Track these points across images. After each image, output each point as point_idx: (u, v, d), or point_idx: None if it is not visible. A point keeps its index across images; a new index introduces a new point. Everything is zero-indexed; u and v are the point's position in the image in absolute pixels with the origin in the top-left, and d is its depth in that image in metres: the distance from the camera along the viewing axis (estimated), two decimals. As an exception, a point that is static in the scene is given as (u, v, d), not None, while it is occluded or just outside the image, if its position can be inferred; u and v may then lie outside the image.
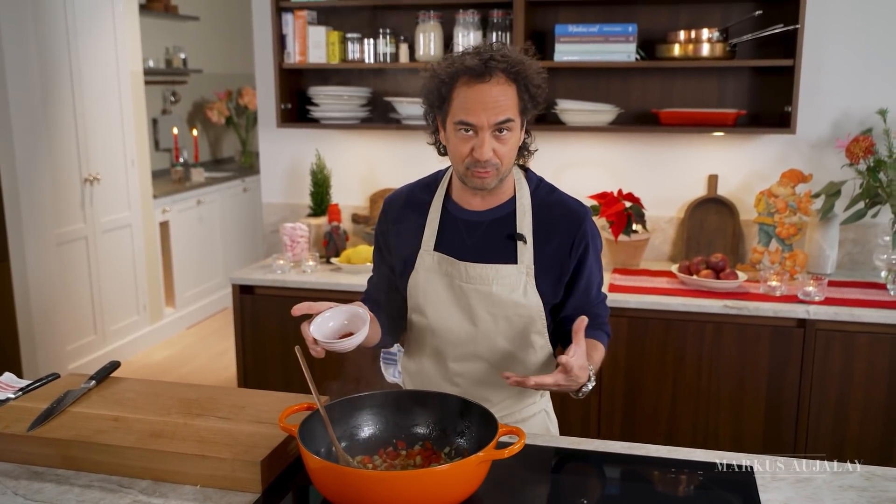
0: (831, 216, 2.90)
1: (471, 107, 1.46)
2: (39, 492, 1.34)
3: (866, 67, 2.94)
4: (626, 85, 3.14)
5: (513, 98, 1.48)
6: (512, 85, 1.47)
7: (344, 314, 1.45)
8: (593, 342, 1.60)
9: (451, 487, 1.24)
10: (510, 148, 1.51)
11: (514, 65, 1.47)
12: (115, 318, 4.56)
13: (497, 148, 1.49)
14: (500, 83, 1.46)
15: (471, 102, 1.46)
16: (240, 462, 1.34)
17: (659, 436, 2.73)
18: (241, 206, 5.79)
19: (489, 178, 1.52)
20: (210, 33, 6.21)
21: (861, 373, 2.56)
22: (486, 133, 1.47)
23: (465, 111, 1.47)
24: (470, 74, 1.46)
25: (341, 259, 3.05)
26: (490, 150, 1.48)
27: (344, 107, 3.25)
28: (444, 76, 1.49)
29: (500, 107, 1.46)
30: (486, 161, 1.48)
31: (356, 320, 1.44)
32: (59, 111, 4.06)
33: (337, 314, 1.44)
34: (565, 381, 1.43)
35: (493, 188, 1.57)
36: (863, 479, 1.41)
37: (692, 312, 2.65)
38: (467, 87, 1.46)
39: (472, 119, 1.47)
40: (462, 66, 1.47)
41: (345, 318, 1.45)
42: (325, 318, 1.43)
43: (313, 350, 1.41)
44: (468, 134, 1.49)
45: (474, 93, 1.46)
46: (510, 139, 1.50)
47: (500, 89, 1.46)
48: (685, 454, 1.51)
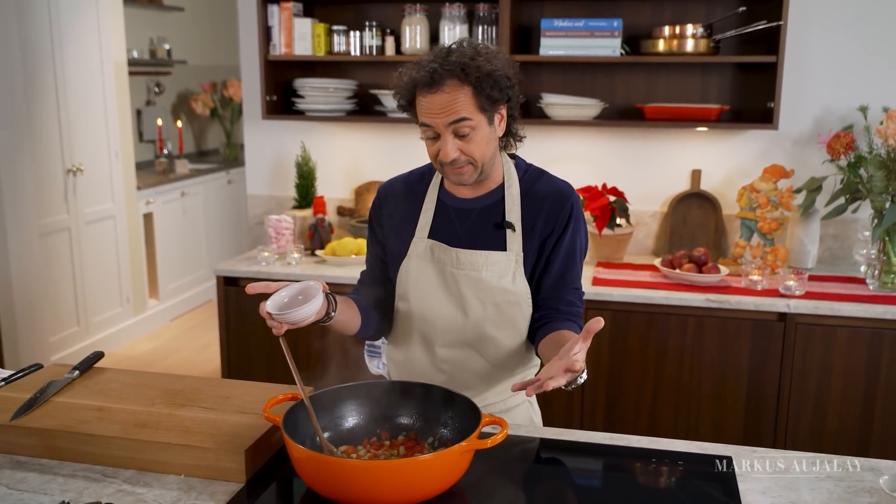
0: (812, 211, 2.94)
1: (427, 112, 1.51)
2: (23, 481, 1.34)
3: (848, 64, 2.97)
4: (610, 80, 3.15)
5: (467, 98, 1.49)
6: (465, 86, 1.49)
7: (297, 289, 1.46)
8: (566, 332, 1.56)
9: (433, 477, 1.25)
10: (478, 144, 1.52)
11: (464, 67, 1.48)
12: (98, 310, 4.54)
13: (462, 147, 1.52)
14: (451, 89, 1.48)
15: (425, 109, 1.51)
16: (224, 452, 1.34)
17: (641, 428, 2.75)
18: (226, 198, 5.77)
19: (465, 174, 1.55)
20: (195, 24, 6.17)
21: (840, 366, 2.60)
22: (447, 135, 1.51)
23: (423, 115, 1.52)
24: (421, 85, 1.50)
25: (326, 251, 3.05)
26: (454, 151, 1.51)
27: (329, 99, 3.24)
28: (403, 90, 1.54)
29: (452, 109, 1.49)
30: (454, 161, 1.52)
31: (309, 293, 1.45)
32: (41, 102, 4.03)
33: (291, 290, 1.46)
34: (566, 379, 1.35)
35: (481, 178, 1.58)
36: (840, 470, 1.43)
37: (674, 306, 2.67)
38: (423, 96, 1.51)
39: (428, 121, 1.51)
40: (412, 80, 1.52)
41: (298, 293, 1.46)
42: (279, 296, 1.44)
43: (271, 325, 1.41)
44: (432, 137, 1.53)
45: (427, 101, 1.50)
46: (475, 136, 1.52)
47: (450, 96, 1.48)
48: (666, 444, 1.53)
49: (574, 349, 1.32)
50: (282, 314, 1.39)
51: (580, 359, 1.32)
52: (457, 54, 1.50)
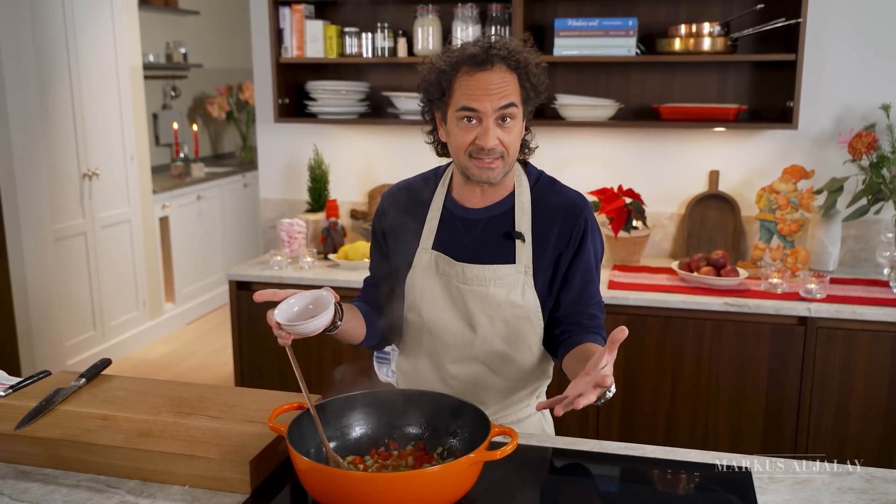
0: (833, 213, 2.88)
1: (473, 93, 1.45)
2: (26, 492, 1.32)
3: (869, 62, 2.91)
4: (626, 80, 3.11)
5: (514, 86, 1.47)
6: (513, 73, 1.47)
7: (308, 298, 1.42)
8: (592, 346, 1.52)
9: (441, 489, 1.22)
10: (514, 137, 1.49)
11: (515, 54, 1.47)
12: (114, 314, 4.55)
13: (501, 136, 1.47)
14: (501, 71, 1.46)
15: (473, 89, 1.46)
16: (228, 462, 1.32)
17: (658, 435, 2.71)
18: (242, 201, 5.78)
19: (495, 169, 1.50)
20: (210, 28, 6.18)
21: (862, 371, 2.54)
22: (490, 120, 1.46)
23: (467, 98, 1.46)
24: (471, 63, 1.46)
25: (339, 255, 3.03)
26: (495, 138, 1.47)
27: (342, 102, 3.22)
28: (445, 66, 1.48)
29: (502, 92, 1.45)
30: (492, 149, 1.47)
31: (320, 302, 1.41)
32: (57, 106, 4.05)
33: (301, 299, 1.41)
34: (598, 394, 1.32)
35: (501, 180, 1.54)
36: (862, 481, 1.38)
37: (692, 310, 2.62)
38: (469, 75, 1.46)
39: (475, 104, 1.45)
40: (463, 56, 1.47)
41: (309, 302, 1.42)
42: (289, 304, 1.40)
43: (278, 335, 1.38)
44: (471, 123, 1.47)
45: (476, 80, 1.45)
46: (514, 127, 1.48)
47: (501, 76, 1.45)
48: (682, 455, 1.49)
49: (601, 363, 1.28)
50: (291, 325, 1.35)
51: (608, 372, 1.28)
52: (506, 42, 1.49)
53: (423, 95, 1.55)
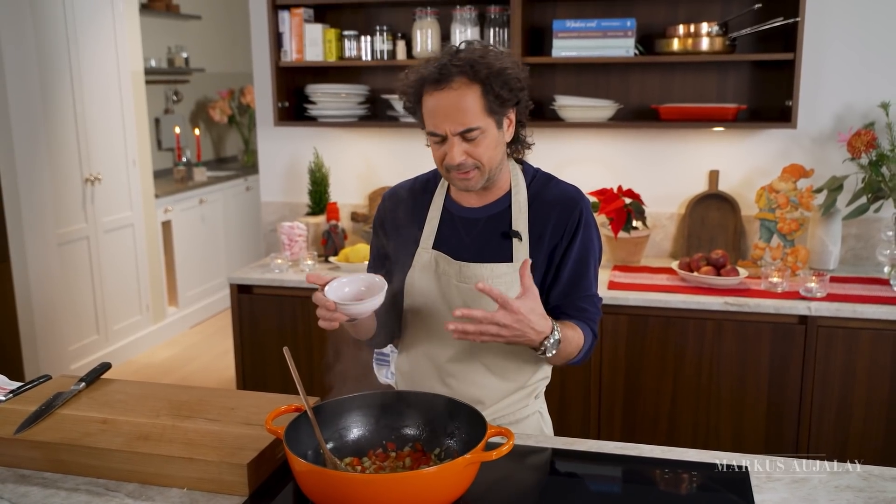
0: (833, 211, 2.87)
1: (434, 117, 1.47)
2: (25, 495, 1.33)
3: (868, 60, 2.90)
4: (625, 80, 3.11)
5: (475, 100, 1.45)
6: (474, 85, 1.45)
7: (361, 281, 1.44)
8: (570, 323, 1.52)
9: (438, 490, 1.23)
10: (486, 148, 1.49)
11: (474, 64, 1.44)
12: (117, 318, 4.56)
13: (469, 150, 1.48)
14: (460, 87, 1.44)
15: (433, 113, 1.47)
16: (226, 465, 1.33)
17: (659, 435, 2.71)
18: (244, 205, 5.79)
19: (472, 179, 1.51)
20: (212, 32, 6.20)
21: (863, 370, 2.53)
22: (454, 139, 1.47)
23: (430, 122, 1.48)
24: (429, 82, 1.46)
25: (340, 258, 3.04)
26: (460, 155, 1.47)
27: (341, 105, 3.23)
28: (409, 88, 1.50)
29: (460, 113, 1.44)
30: (460, 164, 1.48)
31: (373, 286, 1.43)
32: (59, 111, 4.06)
33: (354, 281, 1.43)
34: (510, 322, 1.35)
35: (486, 185, 1.55)
36: (860, 480, 1.38)
37: (692, 310, 2.62)
38: (429, 95, 1.47)
39: (436, 129, 1.47)
40: (420, 76, 1.47)
41: (361, 284, 1.43)
42: (340, 283, 1.41)
43: (328, 318, 1.39)
44: (439, 142, 1.49)
45: (434, 100, 1.46)
46: (483, 141, 1.48)
47: (458, 94, 1.44)
48: (680, 454, 1.49)
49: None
50: (346, 305, 1.36)
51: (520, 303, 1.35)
52: (466, 52, 1.47)
53: (404, 105, 1.56)
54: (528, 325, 1.38)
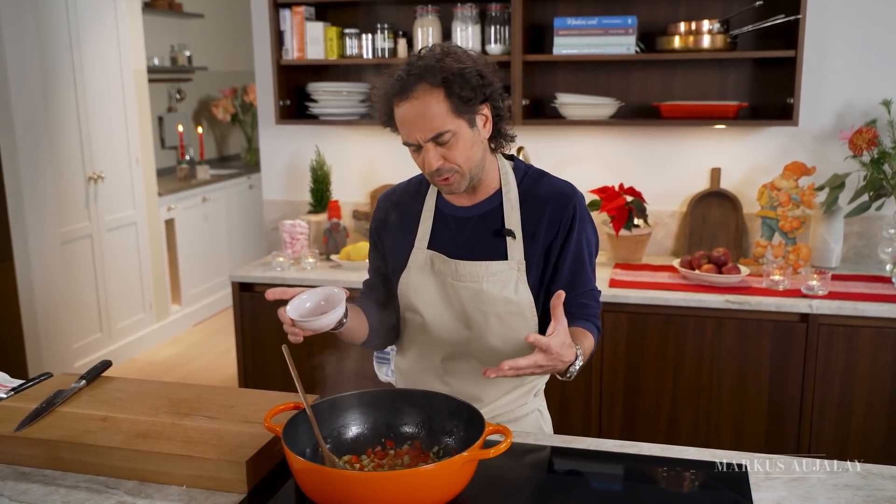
0: (835, 209, 2.87)
1: (404, 128, 1.48)
2: (25, 493, 1.34)
3: (869, 57, 2.90)
4: (626, 78, 3.11)
5: (441, 104, 1.44)
6: (438, 89, 1.44)
7: (320, 295, 1.43)
8: (580, 330, 1.54)
9: (436, 488, 1.23)
10: (460, 150, 1.48)
11: (430, 69, 1.44)
12: (120, 316, 4.58)
13: (445, 154, 1.48)
14: (423, 94, 1.44)
15: (402, 123, 1.48)
16: (225, 462, 1.33)
17: (660, 433, 2.71)
18: (247, 203, 5.80)
19: (453, 183, 1.52)
20: (215, 30, 6.21)
21: (865, 368, 2.53)
22: (428, 146, 1.47)
23: (403, 133, 1.50)
24: (393, 94, 1.47)
25: (341, 256, 3.04)
26: (437, 160, 1.48)
27: (343, 103, 3.23)
28: (379, 104, 1.51)
29: (427, 120, 1.44)
30: (438, 170, 1.48)
31: (332, 299, 1.43)
32: (61, 110, 4.07)
33: (313, 295, 1.43)
34: (547, 362, 1.36)
35: (475, 185, 1.56)
36: (859, 478, 1.38)
37: (693, 307, 2.62)
38: (397, 107, 1.48)
39: (409, 139, 1.49)
40: (385, 91, 1.49)
41: (321, 298, 1.43)
42: (301, 300, 1.41)
43: (291, 333, 1.39)
44: (415, 150, 1.50)
45: (402, 112, 1.47)
46: (456, 143, 1.47)
47: (423, 102, 1.44)
48: (678, 452, 1.49)
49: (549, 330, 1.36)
50: (304, 321, 1.37)
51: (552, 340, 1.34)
52: (425, 58, 1.46)
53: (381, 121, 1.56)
54: (560, 359, 1.38)
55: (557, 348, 1.36)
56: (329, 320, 1.38)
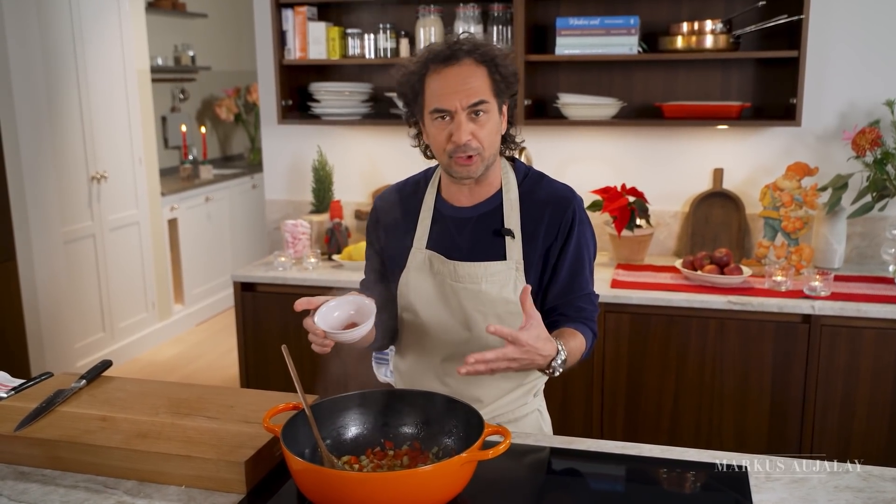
0: (838, 210, 2.86)
1: (442, 93, 1.47)
2: (24, 492, 1.34)
3: (873, 58, 2.89)
4: (628, 78, 3.10)
5: (484, 79, 1.48)
6: (482, 66, 1.48)
7: (349, 304, 1.44)
8: (569, 330, 1.53)
9: (434, 489, 1.23)
10: (489, 132, 1.50)
11: (481, 47, 1.48)
12: (123, 316, 4.58)
13: (475, 131, 1.48)
14: (468, 65, 1.47)
15: (441, 88, 1.47)
16: (224, 462, 1.33)
17: (662, 434, 2.70)
18: (250, 202, 5.80)
19: (473, 165, 1.51)
20: (218, 30, 6.21)
21: (867, 369, 2.52)
22: (462, 116, 1.47)
23: (437, 98, 1.48)
24: (437, 60, 1.47)
25: (343, 256, 3.04)
26: (468, 133, 1.47)
27: (345, 103, 3.23)
28: (414, 68, 1.50)
29: (471, 89, 1.46)
30: (466, 144, 1.47)
31: (362, 310, 1.43)
32: (65, 110, 4.08)
33: (342, 304, 1.43)
34: (520, 355, 1.35)
35: (479, 179, 1.56)
36: (860, 480, 1.38)
37: (696, 308, 2.61)
38: (437, 73, 1.47)
39: (445, 105, 1.47)
40: (429, 55, 1.48)
41: (349, 308, 1.43)
42: (329, 308, 1.41)
43: (320, 344, 1.39)
44: (444, 121, 1.49)
45: (443, 78, 1.47)
46: (487, 122, 1.49)
47: (469, 70, 1.47)
48: (678, 454, 1.49)
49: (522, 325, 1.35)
50: (336, 334, 1.36)
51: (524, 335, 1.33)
52: (468, 38, 1.51)
53: (401, 100, 1.57)
54: (535, 353, 1.37)
55: (531, 341, 1.35)
56: (359, 333, 1.38)
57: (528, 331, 1.35)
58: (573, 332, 1.53)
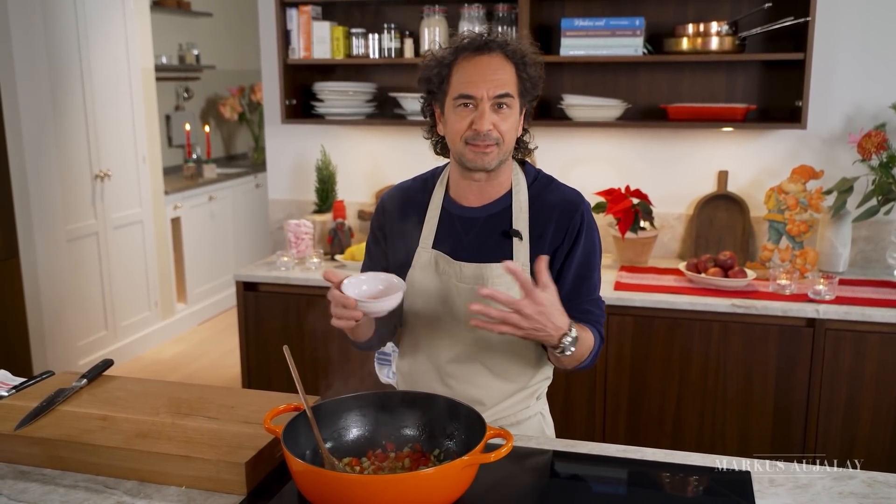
0: (843, 213, 2.85)
1: (471, 79, 1.48)
2: (24, 492, 1.33)
3: (879, 61, 2.88)
4: (633, 79, 3.09)
5: (511, 75, 1.49)
6: (510, 63, 1.49)
7: (377, 280, 1.44)
8: (580, 325, 1.52)
9: (436, 492, 1.22)
10: (509, 126, 1.50)
11: (510, 44, 1.50)
12: (126, 314, 4.58)
13: (497, 122, 1.49)
14: (499, 58, 1.49)
15: (470, 75, 1.48)
16: (224, 463, 1.32)
17: (664, 437, 2.69)
18: (254, 202, 5.80)
19: (490, 154, 1.50)
20: (223, 29, 6.21)
21: (871, 374, 2.51)
22: (486, 105, 1.48)
23: (465, 84, 1.48)
24: (470, 48, 1.49)
25: (346, 256, 3.04)
26: (490, 122, 1.48)
27: (349, 102, 3.23)
28: (445, 54, 1.52)
29: (499, 80, 1.48)
30: (486, 133, 1.48)
31: (391, 286, 1.43)
32: (69, 108, 4.08)
33: (371, 279, 1.44)
34: (532, 312, 1.34)
35: (489, 177, 1.55)
36: (864, 486, 1.37)
37: (699, 311, 2.60)
38: (467, 61, 1.49)
39: (472, 90, 1.48)
40: (462, 43, 1.51)
41: (378, 283, 1.44)
42: (358, 281, 1.41)
43: (346, 316, 1.38)
44: (468, 108, 1.49)
45: (474, 65, 1.49)
46: (509, 116, 1.50)
47: (499, 62, 1.49)
48: (682, 458, 1.48)
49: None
50: (368, 303, 1.36)
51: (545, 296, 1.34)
52: (500, 34, 1.52)
53: (424, 87, 1.57)
54: (548, 318, 1.37)
55: (546, 303, 1.35)
56: (390, 304, 1.38)
57: (544, 293, 1.36)
58: (582, 326, 1.52)
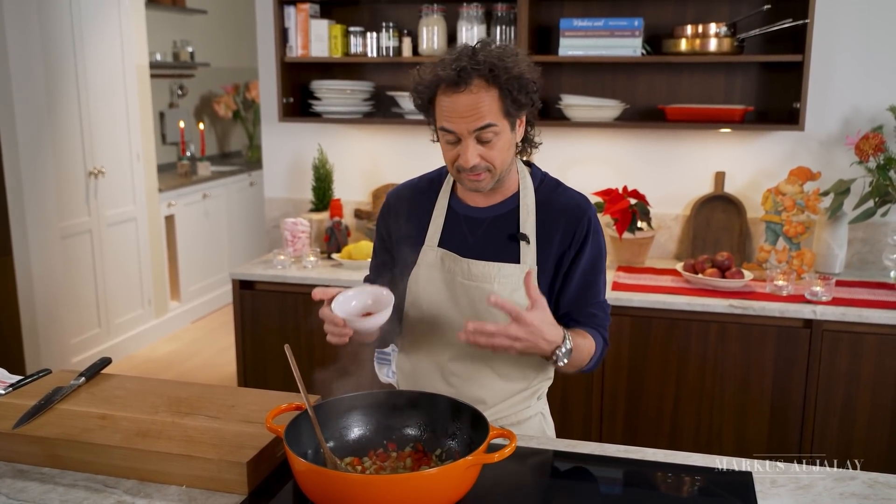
0: (840, 215, 2.85)
1: (450, 116, 1.45)
2: (23, 491, 1.32)
3: (877, 63, 2.88)
4: (631, 80, 3.09)
5: (493, 102, 1.43)
6: (492, 88, 1.43)
7: (366, 294, 1.43)
8: (581, 331, 1.54)
9: (438, 492, 1.21)
10: (499, 151, 1.47)
11: (492, 68, 1.42)
12: (119, 312, 4.56)
13: (483, 153, 1.46)
14: (478, 89, 1.43)
15: (449, 111, 1.44)
16: (225, 463, 1.31)
17: (662, 437, 2.69)
18: (248, 200, 5.78)
19: (483, 181, 1.50)
20: (218, 27, 6.19)
21: (868, 375, 2.52)
22: (469, 140, 1.45)
23: (445, 119, 1.46)
24: (446, 83, 1.44)
25: (342, 255, 3.03)
26: (475, 157, 1.46)
27: (346, 101, 3.22)
28: (425, 83, 1.48)
29: (477, 113, 1.43)
30: (474, 167, 1.47)
31: (380, 300, 1.42)
32: (63, 105, 4.05)
33: (359, 294, 1.42)
34: (523, 335, 1.36)
35: (495, 186, 1.54)
36: (865, 487, 1.37)
37: (697, 312, 2.61)
38: (445, 95, 1.45)
39: (452, 127, 1.45)
40: (437, 77, 1.45)
41: (367, 297, 1.42)
42: (347, 297, 1.40)
43: (338, 334, 1.38)
44: (453, 141, 1.47)
45: (451, 102, 1.44)
46: (497, 143, 1.46)
47: (476, 97, 1.42)
48: (682, 458, 1.48)
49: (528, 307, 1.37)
50: (355, 321, 1.35)
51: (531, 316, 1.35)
52: (484, 53, 1.44)
53: (415, 102, 1.54)
54: (539, 335, 1.39)
55: (536, 322, 1.36)
56: (379, 321, 1.38)
57: (533, 313, 1.36)
58: (583, 333, 1.54)
